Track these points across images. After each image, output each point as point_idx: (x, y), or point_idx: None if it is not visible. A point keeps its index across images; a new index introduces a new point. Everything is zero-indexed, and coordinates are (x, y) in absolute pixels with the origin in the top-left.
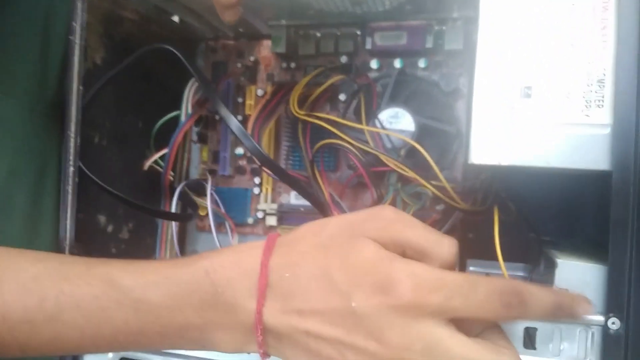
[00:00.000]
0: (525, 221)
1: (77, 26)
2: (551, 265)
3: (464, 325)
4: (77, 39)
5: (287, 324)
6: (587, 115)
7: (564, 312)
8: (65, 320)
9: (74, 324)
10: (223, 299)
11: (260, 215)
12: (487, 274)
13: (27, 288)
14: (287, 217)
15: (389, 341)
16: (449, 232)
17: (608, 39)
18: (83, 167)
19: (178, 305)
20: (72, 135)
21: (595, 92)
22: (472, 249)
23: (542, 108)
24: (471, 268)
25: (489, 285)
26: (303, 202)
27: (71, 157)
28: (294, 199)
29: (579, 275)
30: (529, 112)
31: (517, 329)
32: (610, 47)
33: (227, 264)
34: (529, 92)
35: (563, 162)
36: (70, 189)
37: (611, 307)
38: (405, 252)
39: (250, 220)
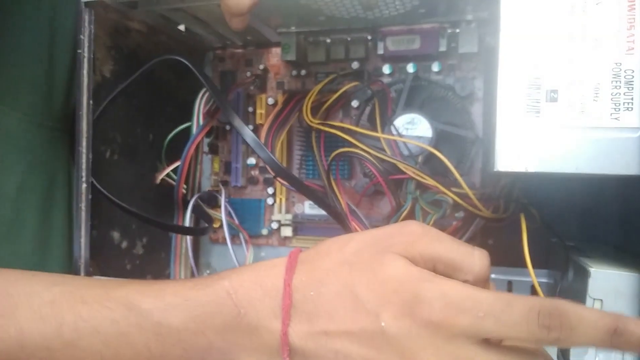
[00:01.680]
0: (548, 227)
1: (85, 39)
2: (581, 273)
3: None
4: (85, 52)
5: (314, 344)
6: (616, 119)
7: (623, 341)
8: (84, 346)
9: (92, 350)
10: (246, 321)
11: (274, 226)
12: (509, 282)
13: (43, 314)
14: (302, 227)
15: None
16: (469, 240)
17: (636, 38)
18: (96, 184)
19: (200, 328)
20: (84, 150)
21: (624, 94)
22: (492, 256)
23: (569, 112)
24: (492, 275)
25: (526, 305)
26: (318, 211)
27: (84, 174)
28: (308, 208)
29: (613, 284)
30: (555, 117)
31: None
32: (638, 47)
33: (247, 284)
34: (555, 95)
35: (592, 167)
36: (83, 206)
37: None
38: (436, 267)
39: (264, 232)
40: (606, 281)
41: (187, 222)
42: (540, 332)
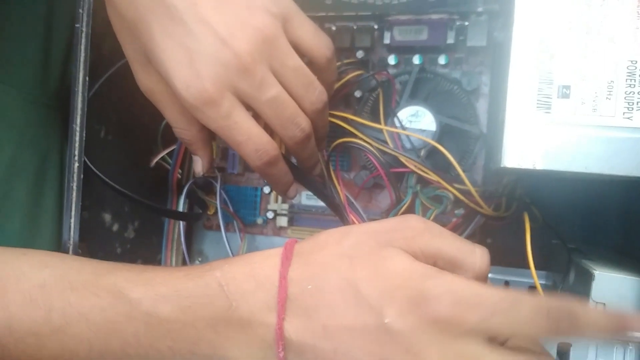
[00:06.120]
0: (550, 228)
1: (84, 13)
2: (584, 276)
3: None
4: (83, 26)
5: (311, 339)
6: (629, 119)
7: (623, 336)
8: (72, 333)
9: (81, 337)
10: (238, 314)
11: (270, 215)
12: (506, 282)
13: (33, 298)
14: (298, 217)
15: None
16: (468, 238)
17: None
18: (89, 163)
19: (189, 319)
20: (78, 128)
21: (638, 93)
22: (491, 255)
23: (581, 109)
24: (490, 275)
25: (534, 304)
26: (315, 202)
27: (76, 152)
28: (305, 199)
29: (617, 288)
30: (566, 114)
31: (550, 344)
32: None
33: (240, 276)
34: (567, 92)
35: (601, 167)
36: (75, 185)
37: None
38: (436, 263)
39: (259, 221)
40: (610, 285)
41: (181, 208)
42: (548, 331)
